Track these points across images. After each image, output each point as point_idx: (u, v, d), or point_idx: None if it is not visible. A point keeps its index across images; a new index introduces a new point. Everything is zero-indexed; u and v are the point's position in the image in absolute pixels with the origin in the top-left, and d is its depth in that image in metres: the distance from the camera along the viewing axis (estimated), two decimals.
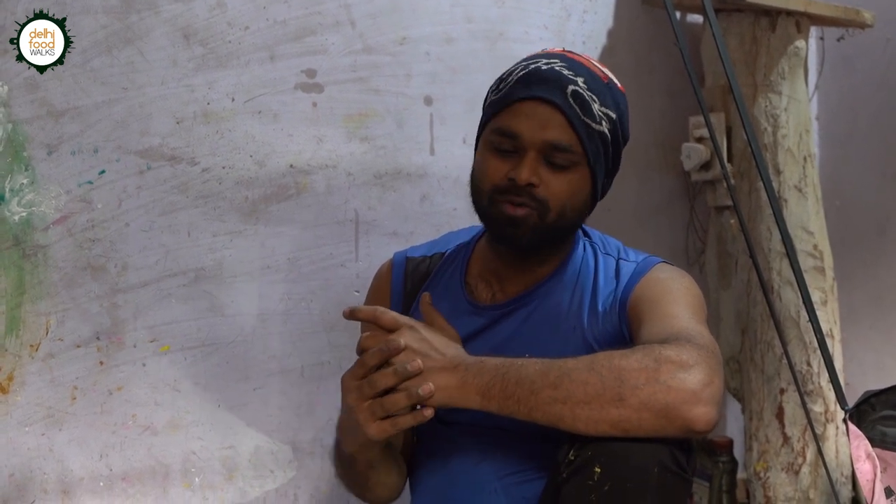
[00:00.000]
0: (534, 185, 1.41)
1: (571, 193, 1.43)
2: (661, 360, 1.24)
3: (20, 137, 1.57)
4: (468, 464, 1.48)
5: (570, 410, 1.24)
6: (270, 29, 1.79)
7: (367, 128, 1.91)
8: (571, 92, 1.41)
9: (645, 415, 1.22)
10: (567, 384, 1.24)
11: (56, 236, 1.60)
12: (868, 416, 1.65)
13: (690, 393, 1.22)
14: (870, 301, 2.66)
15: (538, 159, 1.41)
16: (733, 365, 2.37)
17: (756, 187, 2.27)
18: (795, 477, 2.26)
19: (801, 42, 2.33)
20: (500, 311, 1.50)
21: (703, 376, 1.24)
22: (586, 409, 1.23)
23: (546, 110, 1.41)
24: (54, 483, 1.60)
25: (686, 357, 1.24)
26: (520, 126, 1.41)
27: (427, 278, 1.58)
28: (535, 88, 1.42)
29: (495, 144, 1.44)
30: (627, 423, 1.23)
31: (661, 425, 1.23)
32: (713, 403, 1.24)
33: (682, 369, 1.23)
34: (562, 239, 1.49)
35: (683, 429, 1.23)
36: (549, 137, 1.40)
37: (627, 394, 1.22)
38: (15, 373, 1.57)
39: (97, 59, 1.63)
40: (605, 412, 1.23)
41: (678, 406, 1.22)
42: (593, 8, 2.28)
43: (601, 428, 1.23)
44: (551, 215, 1.42)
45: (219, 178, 1.75)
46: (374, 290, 1.65)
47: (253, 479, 1.80)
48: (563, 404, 1.24)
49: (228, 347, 1.77)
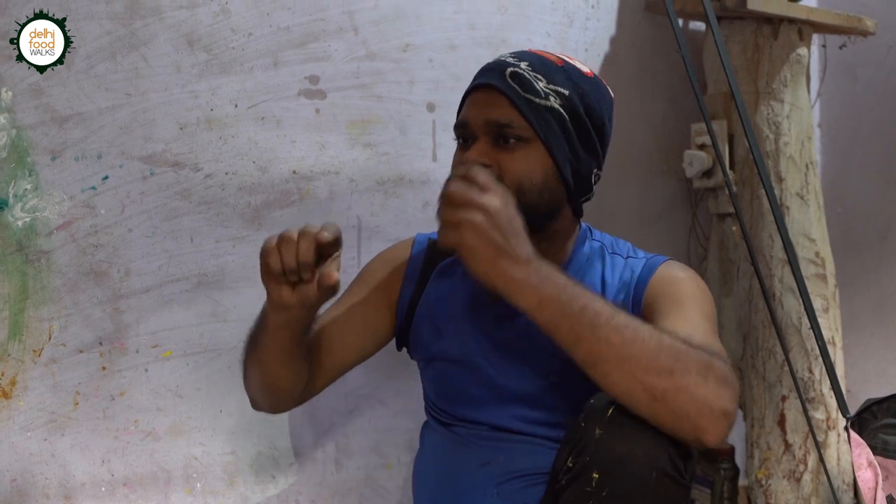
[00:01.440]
0: (485, 165, 1.42)
1: (527, 170, 1.43)
2: (714, 366, 1.24)
3: (24, 143, 1.57)
4: (469, 468, 1.49)
5: (616, 356, 1.22)
6: (274, 35, 1.80)
7: (369, 134, 1.92)
8: (510, 73, 1.45)
9: (679, 399, 1.21)
10: (627, 334, 1.23)
11: (59, 242, 1.60)
12: (869, 424, 1.65)
13: (722, 410, 1.23)
14: (871, 308, 2.66)
15: (487, 142, 1.45)
16: (735, 372, 2.37)
17: (758, 194, 2.27)
18: (797, 484, 2.26)
19: (803, 50, 2.34)
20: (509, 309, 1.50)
21: (732, 398, 1.24)
22: (632, 364, 1.22)
23: (487, 94, 1.46)
24: (56, 488, 1.61)
25: (724, 373, 1.25)
26: (468, 114, 1.47)
27: (440, 263, 1.59)
28: (479, 79, 1.49)
29: (458, 139, 1.51)
30: (659, 394, 1.22)
31: (682, 416, 1.22)
32: (729, 426, 1.24)
33: (723, 383, 1.24)
34: (536, 221, 1.43)
35: (696, 433, 1.23)
36: (490, 116, 1.44)
37: (678, 372, 1.22)
38: (18, 378, 1.57)
39: (101, 65, 1.63)
40: (647, 376, 1.22)
41: (708, 411, 1.22)
42: (596, 15, 2.29)
43: (633, 387, 1.22)
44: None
45: (222, 184, 1.75)
46: (392, 252, 1.63)
47: (254, 485, 1.80)
48: (613, 348, 1.22)
49: (231, 353, 1.77)
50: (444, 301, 1.56)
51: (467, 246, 1.23)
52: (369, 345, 1.59)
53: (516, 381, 1.48)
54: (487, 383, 1.50)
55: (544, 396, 1.47)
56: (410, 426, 1.80)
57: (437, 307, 1.56)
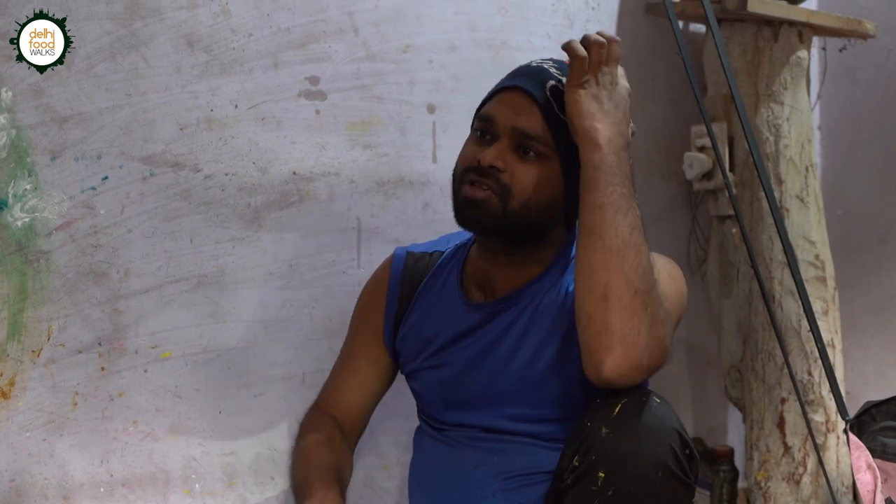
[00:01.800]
0: (498, 168, 1.43)
1: (538, 186, 1.44)
2: (669, 313, 1.37)
3: (24, 143, 1.57)
4: (466, 467, 1.49)
5: (618, 245, 1.34)
6: (274, 36, 1.80)
7: (369, 135, 1.92)
8: (551, 87, 1.45)
9: (625, 320, 1.31)
10: (638, 242, 1.36)
11: (59, 242, 1.60)
12: (869, 426, 1.65)
13: (639, 358, 1.31)
14: (871, 311, 2.66)
15: (508, 146, 1.44)
16: (734, 374, 2.37)
17: (758, 197, 2.27)
18: (796, 486, 2.26)
19: (803, 52, 2.34)
20: (492, 309, 1.51)
21: (648, 363, 1.33)
22: (616, 258, 1.33)
23: (522, 99, 1.45)
24: (55, 489, 1.61)
25: (662, 351, 1.34)
26: (496, 111, 1.46)
27: (424, 276, 1.60)
28: (517, 79, 1.48)
29: (476, 130, 1.49)
30: (613, 302, 1.32)
31: (609, 332, 1.31)
32: (623, 375, 1.32)
33: (656, 324, 1.33)
34: (528, 236, 1.48)
35: (604, 354, 1.31)
36: (519, 124, 1.44)
37: (644, 293, 1.33)
38: (16, 378, 1.57)
39: (101, 66, 1.63)
40: (618, 278, 1.33)
41: (630, 347, 1.31)
42: (596, 17, 2.29)
43: (600, 276, 1.33)
44: (513, 204, 1.43)
45: (221, 185, 1.75)
46: (374, 280, 1.68)
47: (253, 486, 1.80)
48: (620, 239, 1.34)
49: (230, 354, 1.77)
50: (426, 313, 1.57)
51: (590, 93, 1.40)
52: (382, 387, 1.67)
53: (503, 382, 1.49)
54: (475, 388, 1.51)
55: (532, 393, 1.47)
56: (409, 427, 1.80)
57: (420, 321, 1.57)
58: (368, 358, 1.64)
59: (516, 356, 1.48)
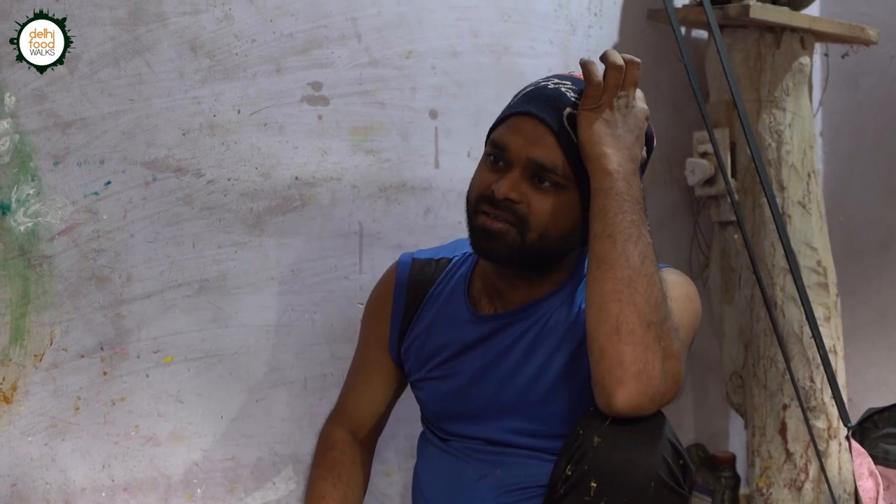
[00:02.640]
0: (514, 200, 1.39)
1: (555, 216, 1.40)
2: (671, 332, 1.32)
3: (27, 148, 1.57)
4: (466, 482, 1.48)
5: (628, 275, 1.31)
6: (277, 42, 1.80)
7: (372, 141, 1.92)
8: (567, 115, 1.40)
9: (635, 351, 1.28)
10: (639, 267, 1.32)
11: (61, 247, 1.61)
12: (871, 433, 1.65)
13: (654, 392, 1.28)
14: (873, 317, 2.66)
15: (523, 176, 1.39)
16: (736, 380, 2.37)
17: (760, 203, 2.27)
18: (798, 493, 2.25)
19: (805, 58, 2.34)
20: (500, 323, 1.50)
21: (663, 395, 1.30)
22: (629, 290, 1.30)
23: (537, 128, 1.40)
24: (56, 493, 1.61)
25: (675, 381, 1.31)
26: (510, 140, 1.41)
27: (431, 284, 1.59)
28: (532, 104, 1.42)
29: (490, 156, 1.44)
30: (626, 335, 1.28)
31: (622, 365, 1.28)
32: (636, 407, 1.28)
33: (670, 358, 1.29)
34: (545, 263, 1.46)
35: (616, 387, 1.28)
36: (534, 155, 1.39)
37: (658, 326, 1.29)
38: (19, 382, 1.57)
39: (104, 71, 1.63)
40: (636, 307, 1.29)
41: (644, 381, 1.27)
42: (598, 23, 2.29)
43: (612, 308, 1.30)
44: (531, 235, 1.40)
45: (224, 190, 1.75)
46: (379, 288, 1.68)
47: (255, 491, 1.80)
48: (631, 269, 1.31)
49: (231, 359, 1.77)
50: (433, 323, 1.56)
51: (602, 118, 1.37)
52: (394, 393, 1.69)
53: (508, 396, 1.48)
54: (480, 400, 1.50)
55: (537, 408, 1.46)
56: (410, 433, 1.80)
57: (427, 330, 1.57)
58: (377, 368, 1.65)
59: (523, 370, 1.47)
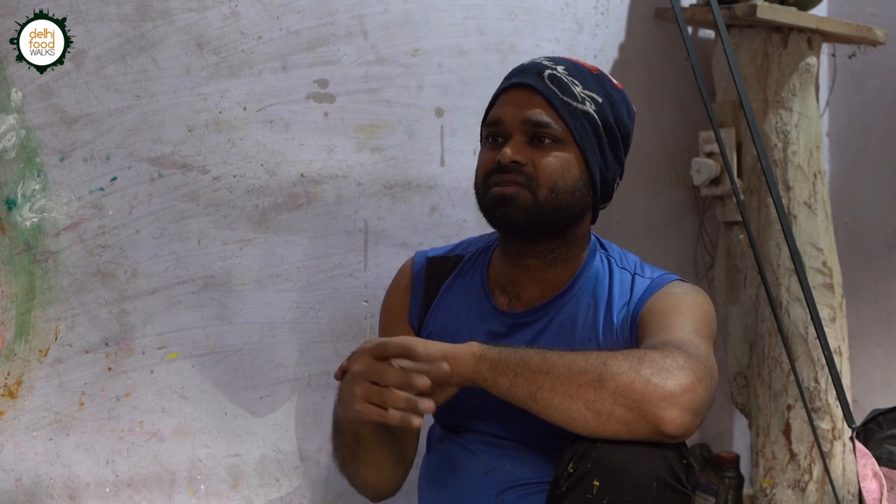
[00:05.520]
0: (519, 162, 1.45)
1: (561, 169, 1.46)
2: (645, 358, 1.27)
3: (33, 144, 1.57)
4: (473, 475, 1.49)
5: (550, 382, 1.27)
6: (283, 39, 1.80)
7: (378, 138, 1.92)
8: (549, 75, 1.48)
9: (619, 401, 1.24)
10: (554, 360, 1.28)
11: (67, 242, 1.61)
12: (875, 434, 1.65)
13: (667, 392, 1.24)
14: (878, 318, 2.66)
15: (522, 140, 1.47)
16: (741, 380, 2.37)
17: (766, 203, 2.27)
18: (802, 494, 2.25)
19: (812, 59, 2.33)
20: (518, 320, 1.52)
21: (684, 381, 1.25)
22: (566, 384, 1.26)
23: (525, 94, 1.48)
24: (60, 488, 1.61)
25: (671, 361, 1.26)
26: (503, 112, 1.49)
27: (446, 279, 1.60)
28: (514, 78, 1.51)
29: (487, 137, 1.52)
30: (601, 406, 1.24)
31: (633, 417, 1.24)
32: (689, 410, 1.25)
33: (665, 370, 1.25)
34: (561, 224, 1.49)
35: (653, 427, 1.24)
36: (528, 115, 1.46)
37: (607, 377, 1.24)
38: (23, 377, 1.58)
39: (111, 67, 1.63)
40: (583, 391, 1.25)
41: (653, 402, 1.23)
42: (605, 22, 2.29)
43: (575, 405, 1.25)
44: (543, 191, 1.45)
45: (229, 187, 1.75)
46: (395, 287, 1.68)
47: (258, 488, 1.80)
48: (545, 375, 1.27)
49: (236, 355, 1.77)
50: (450, 317, 1.57)
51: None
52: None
53: None
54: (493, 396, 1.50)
55: None
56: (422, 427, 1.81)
57: (444, 324, 1.57)
58: None
59: None
